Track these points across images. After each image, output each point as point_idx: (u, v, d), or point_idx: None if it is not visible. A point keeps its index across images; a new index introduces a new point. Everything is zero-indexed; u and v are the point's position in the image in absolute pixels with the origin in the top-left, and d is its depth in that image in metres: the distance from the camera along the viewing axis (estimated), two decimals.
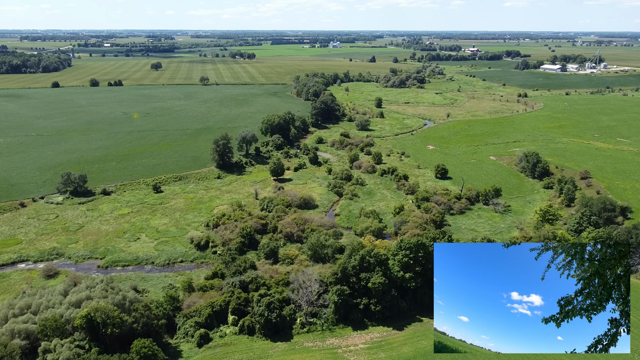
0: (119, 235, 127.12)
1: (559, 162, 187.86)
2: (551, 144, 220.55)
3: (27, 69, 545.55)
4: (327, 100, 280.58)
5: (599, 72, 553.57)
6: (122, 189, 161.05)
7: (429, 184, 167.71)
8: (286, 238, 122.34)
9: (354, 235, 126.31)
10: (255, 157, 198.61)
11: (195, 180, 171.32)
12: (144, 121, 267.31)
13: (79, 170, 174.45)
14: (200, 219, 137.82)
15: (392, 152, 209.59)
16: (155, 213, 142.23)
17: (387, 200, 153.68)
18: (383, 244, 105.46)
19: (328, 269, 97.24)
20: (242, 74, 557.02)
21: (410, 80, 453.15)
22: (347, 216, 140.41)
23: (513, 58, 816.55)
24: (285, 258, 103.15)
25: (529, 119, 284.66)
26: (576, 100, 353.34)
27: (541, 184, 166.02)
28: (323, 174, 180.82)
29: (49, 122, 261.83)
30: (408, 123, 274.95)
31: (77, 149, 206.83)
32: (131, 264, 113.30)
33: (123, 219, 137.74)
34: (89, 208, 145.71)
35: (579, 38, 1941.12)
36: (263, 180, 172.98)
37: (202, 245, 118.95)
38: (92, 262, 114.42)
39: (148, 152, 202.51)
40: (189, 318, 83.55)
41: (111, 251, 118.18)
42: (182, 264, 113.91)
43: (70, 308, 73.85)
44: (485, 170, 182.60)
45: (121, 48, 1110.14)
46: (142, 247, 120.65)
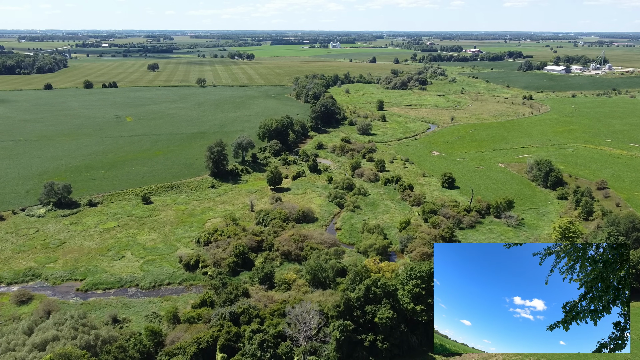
0: (102, 252, 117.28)
1: (572, 170, 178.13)
2: (561, 150, 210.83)
3: (21, 69, 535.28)
4: (327, 103, 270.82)
5: (604, 74, 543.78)
6: (109, 200, 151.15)
7: (435, 194, 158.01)
8: (283, 257, 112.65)
9: (356, 253, 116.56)
10: (252, 165, 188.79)
11: (188, 190, 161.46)
12: (137, 125, 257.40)
13: (65, 179, 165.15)
14: (191, 233, 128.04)
15: (395, 158, 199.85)
16: (143, 227, 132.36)
17: (391, 212, 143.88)
18: (389, 266, 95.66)
19: (329, 297, 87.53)
20: (240, 75, 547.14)
21: (412, 81, 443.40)
22: (349, 231, 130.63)
23: (515, 59, 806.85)
24: (282, 283, 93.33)
25: (536, 122, 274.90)
26: (584, 103, 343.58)
27: (554, 194, 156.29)
28: (323, 182, 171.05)
29: (38, 126, 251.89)
30: (411, 127, 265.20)
31: (65, 155, 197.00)
32: (113, 286, 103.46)
33: (108, 233, 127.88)
34: (73, 221, 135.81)
35: (580, 38, 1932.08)
36: (259, 190, 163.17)
37: (192, 266, 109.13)
38: (71, 284, 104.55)
39: (139, 158, 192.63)
40: (172, 357, 73.76)
41: (92, 272, 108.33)
42: (169, 286, 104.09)
43: (33, 351, 64.13)
44: (494, 179, 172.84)
45: (119, 48, 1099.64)
46: (126, 266, 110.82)
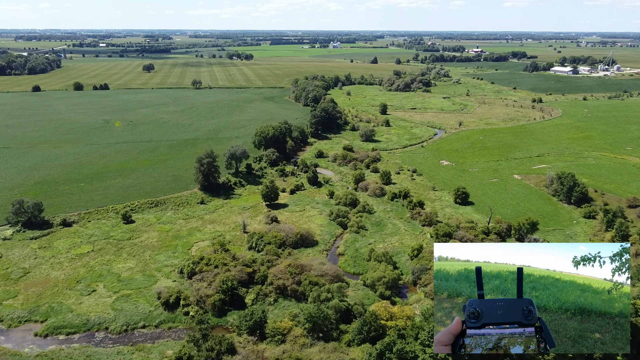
0: (70, 285, 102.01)
1: (596, 183, 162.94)
2: (580, 160, 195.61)
3: (12, 70, 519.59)
4: (327, 107, 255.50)
5: (613, 75, 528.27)
6: (86, 219, 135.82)
7: (447, 212, 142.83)
8: (278, 292, 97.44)
9: (362, 286, 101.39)
10: (246, 176, 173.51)
11: (174, 207, 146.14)
12: (126, 131, 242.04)
13: (40, 193, 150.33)
14: (174, 261, 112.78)
15: (402, 169, 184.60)
16: (120, 252, 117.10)
17: (400, 234, 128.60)
18: (403, 312, 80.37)
19: (332, 354, 72.34)
20: (237, 76, 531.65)
21: (416, 83, 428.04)
22: (354, 257, 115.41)
23: (519, 59, 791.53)
24: (275, 333, 77.96)
25: (549, 128, 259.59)
26: (596, 107, 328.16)
27: (580, 212, 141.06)
28: (324, 197, 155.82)
29: (20, 131, 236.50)
30: (417, 132, 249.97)
31: (45, 165, 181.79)
32: (78, 330, 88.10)
33: (80, 260, 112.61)
34: (42, 245, 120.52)
35: (582, 38, 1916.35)
36: (254, 206, 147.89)
37: (172, 304, 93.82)
38: (30, 327, 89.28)
39: (124, 169, 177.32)
40: None
41: (56, 311, 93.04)
42: (143, 330, 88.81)
43: None
44: (511, 194, 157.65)
45: (116, 48, 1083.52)
46: (96, 304, 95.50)
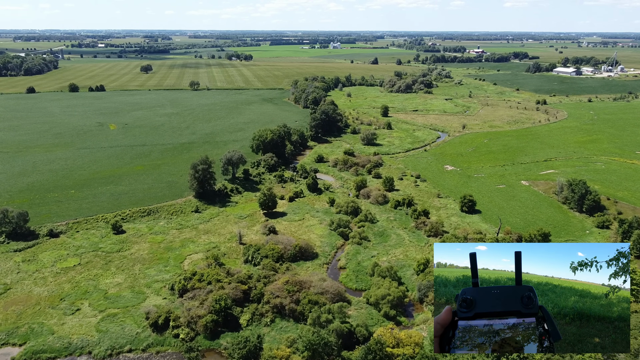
0: (53, 303, 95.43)
1: (607, 190, 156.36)
2: (589, 165, 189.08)
3: (7, 71, 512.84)
4: (328, 110, 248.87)
5: (617, 76, 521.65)
6: (74, 229, 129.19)
7: (454, 221, 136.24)
8: (275, 311, 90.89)
9: (365, 304, 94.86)
10: (243, 182, 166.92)
11: (168, 215, 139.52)
12: (120, 134, 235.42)
13: (28, 201, 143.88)
14: (166, 275, 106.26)
15: (405, 174, 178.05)
16: (109, 266, 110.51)
17: (404, 245, 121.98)
18: (411, 338, 73.76)
19: None
20: (236, 77, 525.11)
21: (417, 84, 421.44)
22: (356, 271, 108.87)
23: (521, 60, 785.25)
24: None
25: (555, 131, 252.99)
26: (602, 109, 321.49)
27: (592, 221, 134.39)
28: (324, 205, 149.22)
29: (11, 135, 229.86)
30: (419, 136, 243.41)
31: (35, 171, 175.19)
32: (60, 355, 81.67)
33: (65, 275, 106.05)
34: (26, 258, 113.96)
35: (583, 39, 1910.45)
36: (251, 215, 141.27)
37: (161, 325, 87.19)
38: (7, 351, 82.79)
39: (116, 175, 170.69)
40: None
41: (36, 333, 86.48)
42: (129, 354, 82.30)
43: None
44: (519, 201, 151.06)
45: (115, 49, 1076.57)
46: (79, 324, 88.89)
